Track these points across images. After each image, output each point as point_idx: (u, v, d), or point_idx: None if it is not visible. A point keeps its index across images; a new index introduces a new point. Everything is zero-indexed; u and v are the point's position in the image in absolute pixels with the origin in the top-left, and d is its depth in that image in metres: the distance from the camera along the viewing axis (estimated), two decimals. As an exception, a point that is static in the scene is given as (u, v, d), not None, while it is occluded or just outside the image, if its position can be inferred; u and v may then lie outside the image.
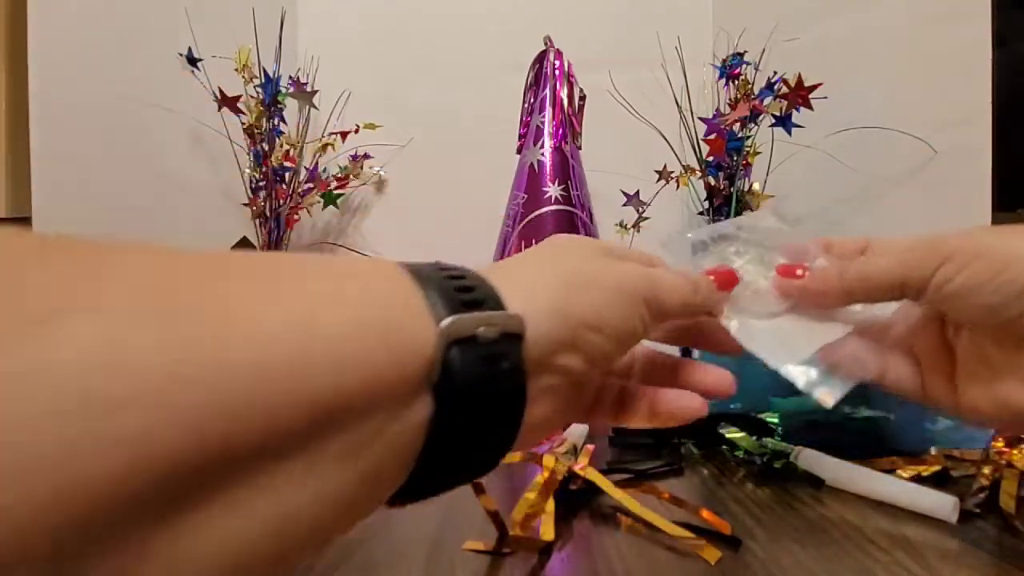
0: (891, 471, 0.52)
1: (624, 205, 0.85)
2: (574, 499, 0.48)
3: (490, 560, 0.40)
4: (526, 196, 0.72)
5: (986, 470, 0.48)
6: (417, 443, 0.18)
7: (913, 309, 0.31)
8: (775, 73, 0.78)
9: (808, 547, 0.41)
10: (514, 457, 0.48)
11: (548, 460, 0.48)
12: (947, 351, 0.30)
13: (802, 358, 0.29)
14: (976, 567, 0.38)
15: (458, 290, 0.21)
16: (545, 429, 0.25)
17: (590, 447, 0.53)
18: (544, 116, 0.74)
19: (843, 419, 0.59)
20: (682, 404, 0.29)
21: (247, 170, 0.93)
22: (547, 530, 0.42)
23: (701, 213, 0.87)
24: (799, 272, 0.30)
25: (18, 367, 0.11)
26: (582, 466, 0.49)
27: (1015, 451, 0.48)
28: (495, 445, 0.21)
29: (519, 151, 0.77)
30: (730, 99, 0.84)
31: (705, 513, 0.44)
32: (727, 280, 0.31)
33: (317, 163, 0.98)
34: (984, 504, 0.46)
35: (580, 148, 0.76)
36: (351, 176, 1.00)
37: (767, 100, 0.77)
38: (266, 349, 0.15)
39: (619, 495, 0.46)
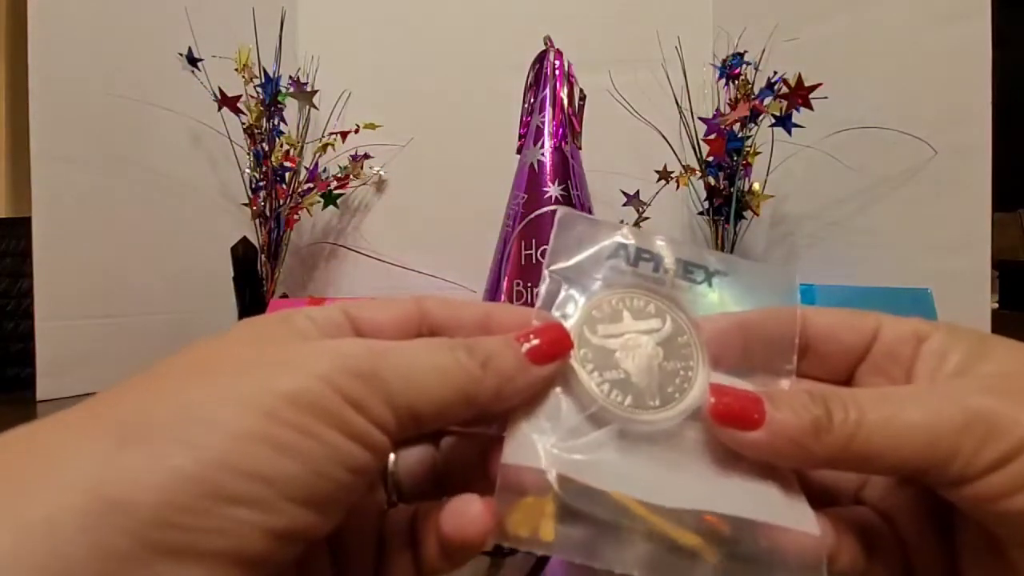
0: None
1: (624, 205, 0.85)
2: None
3: (490, 560, 0.40)
4: (526, 196, 0.72)
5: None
6: None
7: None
8: (775, 73, 0.78)
9: (808, 547, 0.41)
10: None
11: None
12: (942, 526, 0.20)
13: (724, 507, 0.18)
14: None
15: None
16: None
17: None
18: (544, 116, 0.74)
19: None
20: (459, 523, 0.18)
21: (247, 170, 0.93)
22: (547, 530, 0.42)
23: (701, 213, 0.87)
24: (754, 415, 0.18)
25: None
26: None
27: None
28: None
29: (519, 151, 0.77)
30: (730, 99, 0.84)
31: (708, 516, 0.44)
32: (553, 347, 0.18)
33: (317, 163, 0.98)
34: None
35: (580, 148, 0.76)
36: (351, 176, 1.00)
37: (767, 100, 0.77)
38: None
39: (619, 494, 0.45)
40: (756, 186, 0.83)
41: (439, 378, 0.17)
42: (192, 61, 0.86)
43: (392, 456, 0.21)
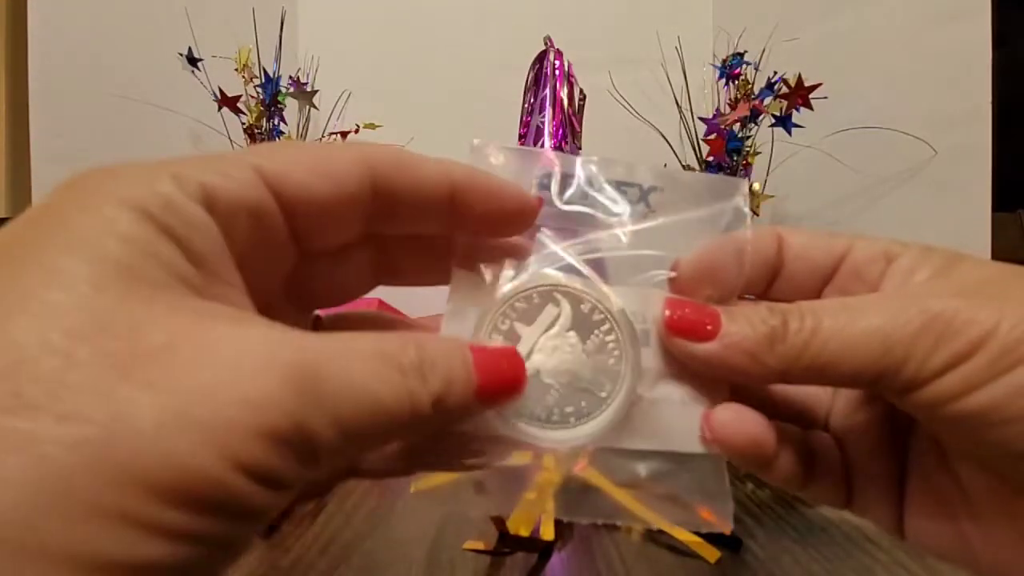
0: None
1: (624, 205, 0.84)
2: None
3: (490, 560, 0.40)
4: (526, 196, 0.72)
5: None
6: None
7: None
8: (775, 73, 0.78)
9: (808, 547, 0.41)
10: (523, 458, 0.48)
11: (548, 460, 0.48)
12: (892, 450, 0.20)
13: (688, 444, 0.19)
14: (976, 567, 0.38)
15: None
16: None
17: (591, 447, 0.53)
18: (544, 116, 0.74)
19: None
20: None
21: (247, 170, 0.93)
22: (547, 530, 0.42)
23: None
24: (708, 326, 0.17)
25: None
26: (582, 466, 0.49)
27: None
28: None
29: (519, 151, 0.77)
30: (730, 99, 0.84)
31: (705, 513, 0.44)
32: (508, 384, 0.16)
33: (317, 163, 0.98)
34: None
35: (580, 148, 0.76)
36: (351, 176, 1.00)
37: (767, 100, 0.77)
38: None
39: (619, 495, 0.46)
40: (756, 186, 0.83)
41: (354, 402, 0.13)
42: (192, 61, 0.86)
43: None
